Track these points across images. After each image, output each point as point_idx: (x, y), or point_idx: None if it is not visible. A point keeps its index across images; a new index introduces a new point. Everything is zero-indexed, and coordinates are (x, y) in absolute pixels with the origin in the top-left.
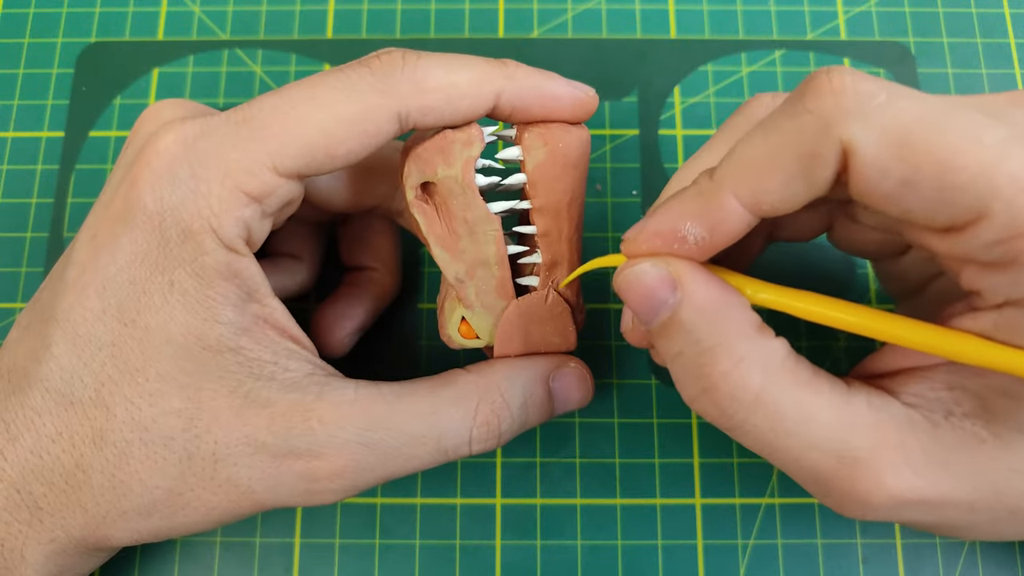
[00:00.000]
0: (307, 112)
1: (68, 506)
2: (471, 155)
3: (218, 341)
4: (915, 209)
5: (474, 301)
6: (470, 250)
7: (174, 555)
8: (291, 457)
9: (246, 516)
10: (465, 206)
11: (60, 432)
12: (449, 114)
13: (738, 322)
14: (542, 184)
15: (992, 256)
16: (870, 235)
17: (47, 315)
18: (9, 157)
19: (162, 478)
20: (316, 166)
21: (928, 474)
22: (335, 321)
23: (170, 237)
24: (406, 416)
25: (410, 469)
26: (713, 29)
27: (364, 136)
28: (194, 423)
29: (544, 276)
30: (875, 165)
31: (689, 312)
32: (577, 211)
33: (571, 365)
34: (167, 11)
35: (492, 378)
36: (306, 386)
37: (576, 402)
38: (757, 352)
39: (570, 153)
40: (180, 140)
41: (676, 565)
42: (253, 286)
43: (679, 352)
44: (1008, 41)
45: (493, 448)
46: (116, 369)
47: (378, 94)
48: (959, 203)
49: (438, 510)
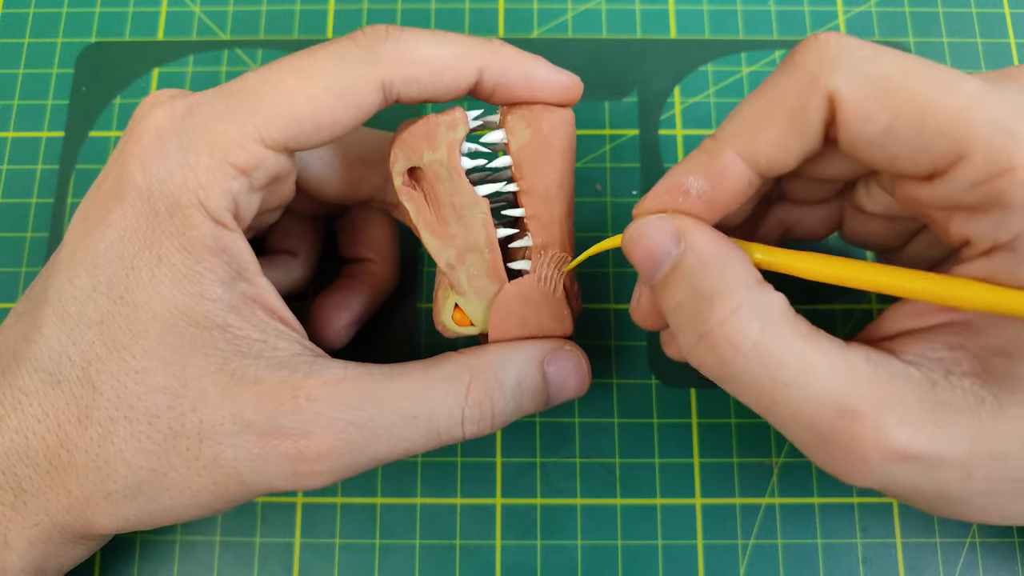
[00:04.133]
0: (293, 83)
1: (52, 488)
2: (456, 137)
3: (205, 317)
4: (899, 155)
5: (466, 287)
6: (459, 235)
7: (174, 555)
8: (278, 436)
9: (234, 501)
10: (452, 190)
11: (46, 412)
12: (432, 86)
13: (738, 272)
14: (527, 165)
15: (974, 198)
16: (875, 225)
17: (40, 298)
18: (9, 157)
19: (146, 458)
20: (304, 138)
21: (926, 430)
22: (332, 312)
23: (159, 211)
24: (396, 395)
25: (401, 451)
26: (713, 29)
27: (349, 107)
28: (179, 401)
29: (536, 259)
30: (859, 112)
31: (691, 261)
32: (567, 193)
33: (566, 348)
34: (167, 11)
35: (485, 358)
36: (294, 365)
37: (573, 389)
38: (756, 301)
39: (555, 134)
40: (170, 115)
41: (676, 565)
42: (242, 263)
43: (679, 302)
44: (1008, 41)
45: (487, 431)
46: (104, 347)
47: (363, 64)
48: (939, 146)
49: (438, 510)
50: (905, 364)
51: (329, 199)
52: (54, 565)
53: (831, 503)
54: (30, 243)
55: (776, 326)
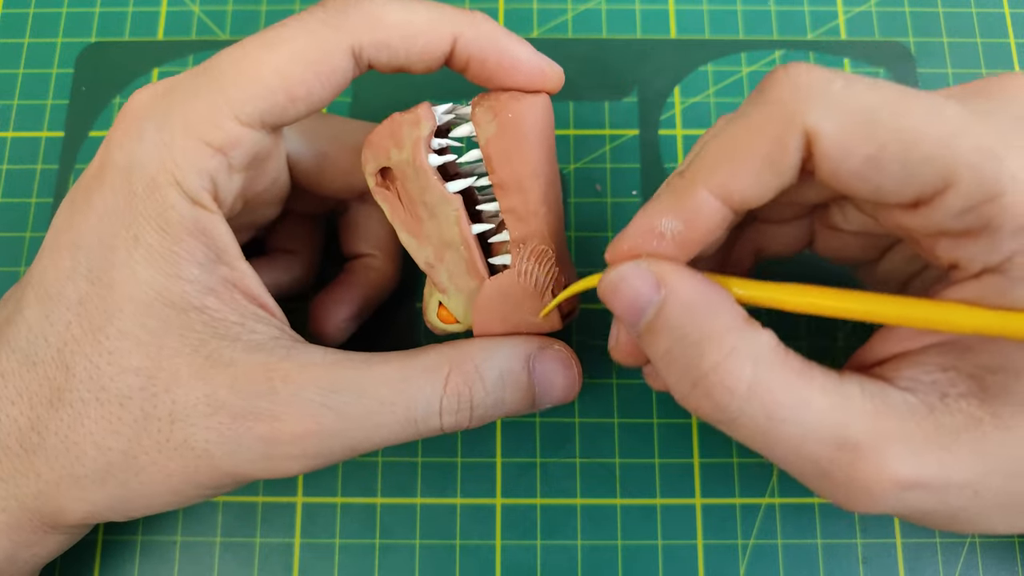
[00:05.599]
0: (261, 56)
1: (21, 472)
2: (420, 135)
3: (181, 298)
4: (884, 185)
5: (447, 284)
6: (434, 233)
7: (174, 555)
8: (251, 418)
9: (207, 487)
10: (422, 188)
11: (20, 393)
12: (404, 53)
13: (725, 315)
14: (497, 158)
15: (963, 224)
16: (849, 241)
17: (25, 280)
18: (9, 157)
19: (116, 440)
20: (279, 111)
21: (929, 456)
22: (330, 307)
23: (137, 192)
24: (374, 381)
25: (378, 439)
26: (713, 29)
27: (321, 75)
28: (152, 382)
29: (515, 253)
30: (839, 146)
31: (674, 307)
32: (545, 183)
33: (555, 348)
34: (167, 11)
35: (467, 350)
36: (271, 348)
37: (560, 389)
38: (746, 342)
39: (523, 122)
40: (149, 97)
41: (676, 565)
42: (222, 246)
43: (667, 350)
44: (1008, 41)
45: (465, 424)
46: (80, 328)
47: (330, 28)
48: (925, 174)
49: (438, 510)
50: (901, 391)
51: (326, 192)
52: (26, 555)
53: (831, 503)
54: (30, 243)
55: (769, 365)
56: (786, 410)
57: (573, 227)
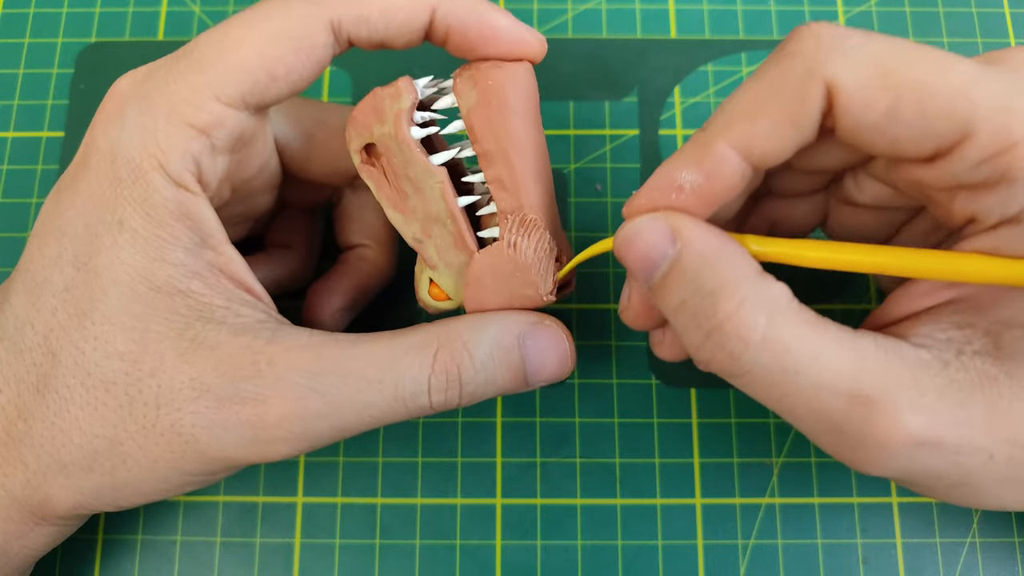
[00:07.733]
0: (240, 35)
1: (8, 461)
2: (401, 108)
3: (167, 282)
4: (902, 138)
5: (436, 260)
6: (420, 207)
7: (174, 555)
8: (237, 401)
9: (194, 474)
10: (405, 162)
11: (7, 381)
12: (383, 26)
13: (739, 266)
14: (479, 127)
15: (980, 176)
16: (864, 217)
17: (15, 269)
18: (9, 157)
19: (102, 426)
20: (260, 90)
21: (943, 412)
22: (324, 296)
23: (121, 176)
24: (362, 362)
25: (367, 419)
26: (713, 29)
27: (300, 52)
28: (137, 366)
29: (503, 225)
30: (860, 98)
31: (690, 259)
32: (532, 153)
33: (546, 323)
34: (167, 11)
35: (456, 327)
36: (257, 331)
37: (553, 366)
38: (760, 293)
39: (504, 91)
40: (131, 82)
41: (676, 565)
42: (207, 230)
43: (682, 302)
44: (1008, 41)
45: (455, 403)
46: (66, 314)
47: (309, 4)
48: (943, 126)
49: (438, 510)
50: (915, 347)
51: (315, 177)
52: (16, 547)
53: (831, 503)
54: None
55: (783, 316)
56: (799, 361)
57: (573, 227)
